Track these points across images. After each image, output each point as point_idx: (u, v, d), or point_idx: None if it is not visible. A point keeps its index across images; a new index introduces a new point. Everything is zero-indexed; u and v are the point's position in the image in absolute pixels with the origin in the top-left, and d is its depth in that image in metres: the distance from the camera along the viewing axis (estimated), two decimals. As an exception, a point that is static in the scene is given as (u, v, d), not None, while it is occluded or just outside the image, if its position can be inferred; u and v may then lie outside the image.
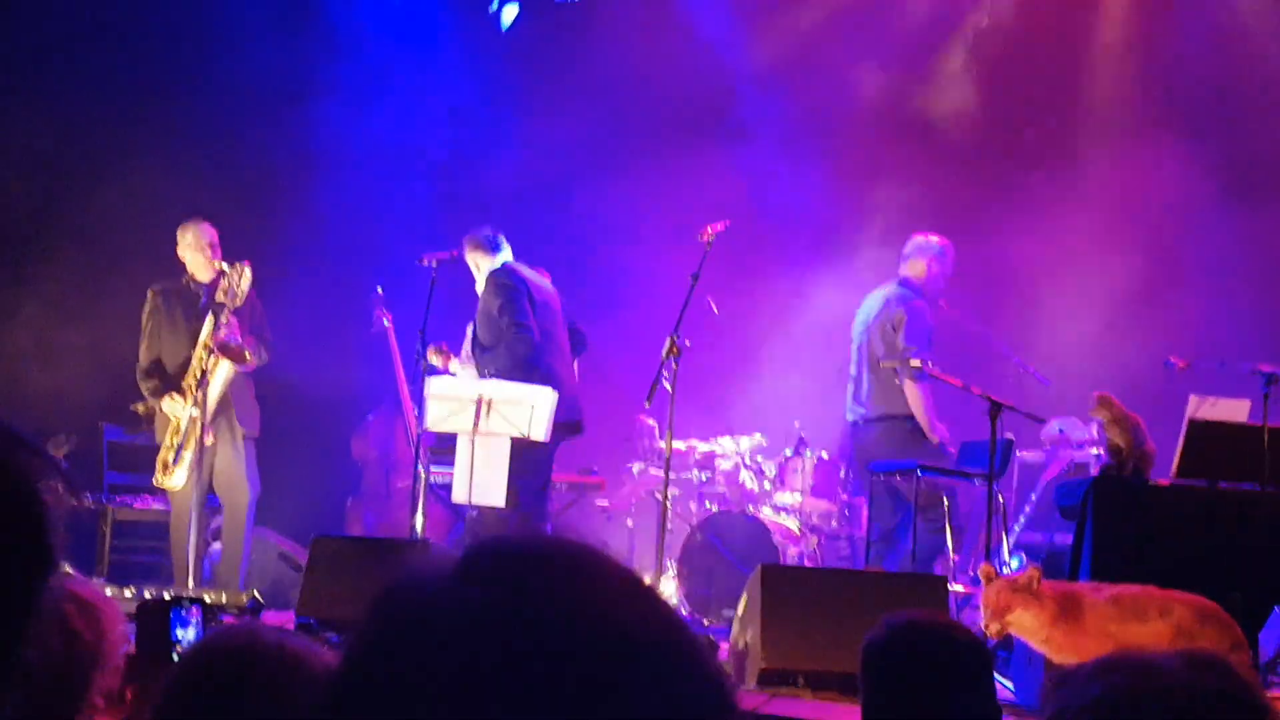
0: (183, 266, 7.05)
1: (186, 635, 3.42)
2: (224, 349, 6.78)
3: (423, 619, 0.82)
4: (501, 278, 6.89)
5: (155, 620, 3.24)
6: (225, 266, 6.86)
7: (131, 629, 2.70)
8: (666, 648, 0.84)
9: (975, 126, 9.28)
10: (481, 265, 7.04)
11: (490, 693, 0.78)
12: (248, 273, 6.83)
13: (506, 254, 7.06)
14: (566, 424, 6.83)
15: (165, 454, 6.88)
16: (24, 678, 0.93)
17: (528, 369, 6.70)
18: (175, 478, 6.84)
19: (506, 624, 0.80)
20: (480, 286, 7.05)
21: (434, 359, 7.01)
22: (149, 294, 7.06)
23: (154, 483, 6.94)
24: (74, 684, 1.84)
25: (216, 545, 7.28)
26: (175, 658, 3.35)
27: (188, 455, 6.80)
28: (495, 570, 0.84)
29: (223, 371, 6.83)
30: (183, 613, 3.42)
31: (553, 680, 0.79)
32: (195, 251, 6.97)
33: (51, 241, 8.36)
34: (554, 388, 6.68)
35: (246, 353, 6.84)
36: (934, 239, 7.23)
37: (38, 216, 8.34)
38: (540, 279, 7.08)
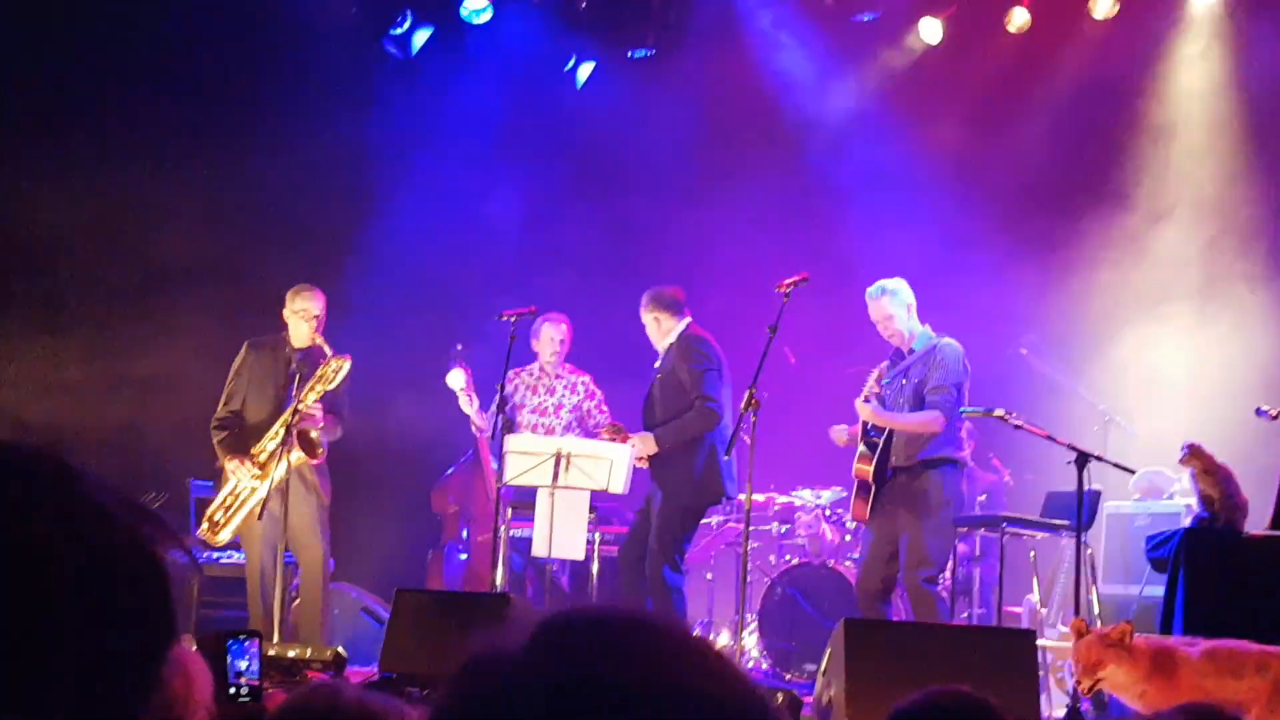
0: (282, 325, 7.13)
1: (243, 666, 3.46)
2: (302, 438, 6.82)
3: (499, 690, 0.84)
4: (699, 345, 6.79)
5: (212, 653, 3.28)
6: (329, 350, 6.89)
7: None
8: (739, 715, 0.84)
9: (1057, 169, 9.19)
10: (664, 324, 6.97)
11: None
12: (346, 367, 6.89)
13: (688, 316, 7.05)
14: (727, 497, 6.75)
15: (214, 511, 6.92)
16: None
17: (700, 442, 6.64)
18: (221, 535, 6.90)
19: (579, 694, 0.82)
20: (659, 343, 7.01)
21: (607, 435, 6.97)
22: (244, 346, 7.15)
23: (198, 534, 6.98)
24: None
25: (297, 603, 7.33)
26: (232, 690, 3.39)
27: (236, 519, 6.85)
28: (568, 641, 0.86)
29: (293, 457, 6.83)
30: (241, 645, 3.46)
31: None
32: (304, 320, 7.00)
33: (136, 307, 8.52)
34: (721, 461, 6.60)
35: (320, 449, 6.89)
36: None
37: (115, 277, 8.50)
38: None
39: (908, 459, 6.44)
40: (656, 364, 7.07)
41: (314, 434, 6.86)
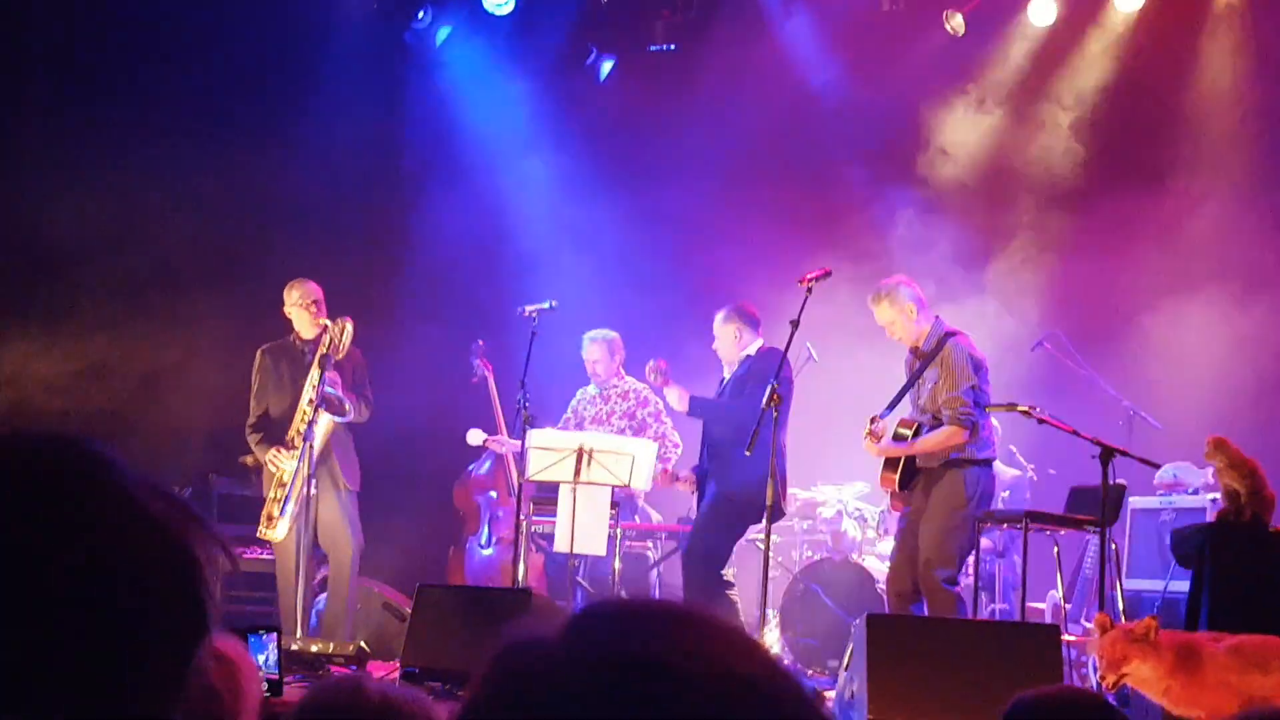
0: (290, 324, 7.24)
1: (261, 660, 3.49)
2: (324, 401, 6.91)
3: (537, 676, 0.84)
4: (773, 365, 6.67)
5: None
6: (327, 322, 7.01)
7: None
8: (779, 701, 0.84)
9: (1082, 161, 9.14)
10: (744, 338, 7.00)
11: None
12: (349, 327, 6.98)
13: (761, 335, 7.05)
14: (776, 506, 6.58)
15: (270, 506, 7.02)
16: None
17: (768, 449, 6.61)
18: (278, 529, 6.96)
19: (616, 676, 0.82)
20: (731, 354, 7.02)
21: (652, 376, 6.97)
22: (258, 354, 7.28)
23: (258, 534, 7.07)
24: None
25: (324, 596, 7.38)
26: (262, 690, 3.42)
27: (291, 508, 6.92)
28: (606, 627, 0.87)
29: (323, 423, 6.96)
30: (260, 639, 3.49)
31: None
32: (300, 309, 7.14)
33: (156, 303, 8.55)
34: (781, 468, 6.56)
35: (346, 404, 6.97)
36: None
37: (132, 273, 8.52)
38: None
39: (933, 461, 6.38)
40: (726, 375, 7.08)
41: (333, 393, 6.92)
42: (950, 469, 6.32)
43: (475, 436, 8.14)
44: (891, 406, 6.53)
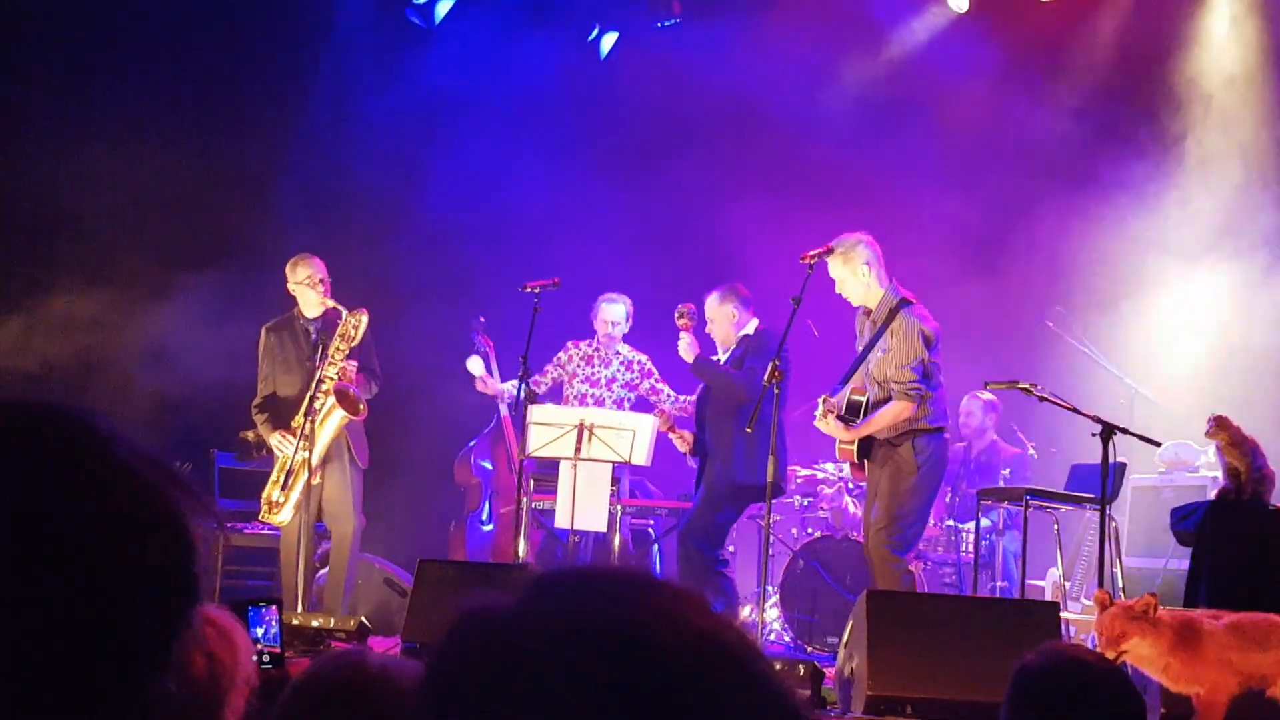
0: (292, 301, 7.17)
1: (261, 634, 3.49)
2: (341, 397, 6.85)
3: (495, 642, 0.84)
4: (772, 343, 6.63)
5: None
6: (344, 310, 6.92)
7: None
8: (735, 667, 0.84)
9: (1087, 137, 9.10)
10: (740, 319, 6.95)
11: (561, 703, 0.80)
12: (365, 319, 6.92)
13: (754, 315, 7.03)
14: (775, 484, 6.54)
15: (271, 490, 6.97)
16: (167, 706, 0.95)
17: (767, 427, 6.52)
18: (282, 515, 6.93)
19: (577, 643, 0.82)
20: (728, 336, 6.97)
21: (681, 319, 6.86)
22: (262, 332, 7.20)
23: (260, 518, 7.05)
24: (212, 702, 1.91)
25: (325, 571, 7.39)
26: (253, 658, 3.43)
27: (294, 495, 6.89)
28: (565, 593, 0.87)
29: (336, 418, 6.90)
30: (260, 612, 3.50)
31: (621, 692, 0.80)
32: (306, 287, 7.04)
33: (157, 279, 8.54)
34: (782, 446, 6.53)
35: (361, 404, 6.92)
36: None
37: (133, 251, 8.50)
38: None
39: (888, 432, 6.31)
40: (721, 358, 7.01)
41: (353, 392, 6.89)
42: (904, 438, 6.23)
43: (475, 365, 7.96)
44: (844, 381, 6.44)
